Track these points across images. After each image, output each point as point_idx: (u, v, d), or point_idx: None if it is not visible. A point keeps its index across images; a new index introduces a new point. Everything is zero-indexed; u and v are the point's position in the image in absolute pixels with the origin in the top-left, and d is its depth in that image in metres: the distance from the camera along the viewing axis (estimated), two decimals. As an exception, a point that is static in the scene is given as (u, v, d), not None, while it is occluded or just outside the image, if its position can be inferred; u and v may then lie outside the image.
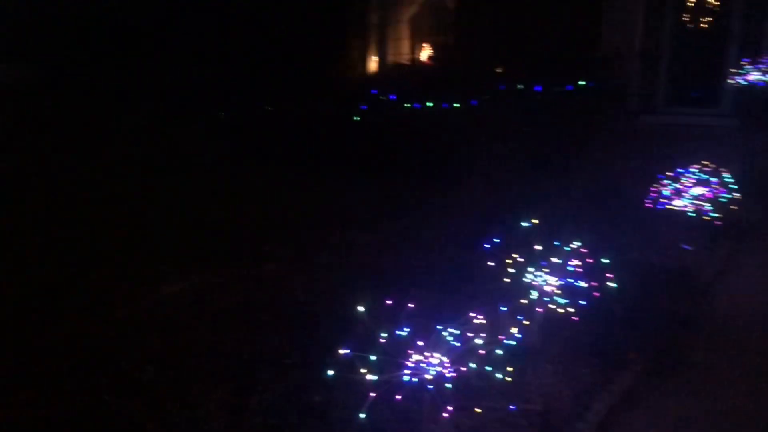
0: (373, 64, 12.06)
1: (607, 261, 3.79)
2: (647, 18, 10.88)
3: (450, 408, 3.03)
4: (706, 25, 10.84)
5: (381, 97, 9.92)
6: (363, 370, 3.14)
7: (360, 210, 7.31)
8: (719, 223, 6.25)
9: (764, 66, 9.63)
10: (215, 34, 11.48)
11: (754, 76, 9.71)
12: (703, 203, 6.26)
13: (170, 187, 7.44)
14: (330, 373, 3.44)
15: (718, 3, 10.70)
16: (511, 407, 3.42)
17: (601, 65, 10.67)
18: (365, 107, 10.07)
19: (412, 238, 6.32)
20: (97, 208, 6.46)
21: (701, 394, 4.05)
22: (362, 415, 2.96)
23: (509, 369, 3.11)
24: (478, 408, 3.23)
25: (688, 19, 10.93)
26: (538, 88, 9.23)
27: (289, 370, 3.68)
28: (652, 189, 6.46)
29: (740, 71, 9.89)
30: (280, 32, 11.35)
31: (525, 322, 3.51)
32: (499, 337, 3.29)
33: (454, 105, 9.25)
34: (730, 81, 10.14)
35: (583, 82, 10.01)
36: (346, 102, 10.29)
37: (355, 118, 10.01)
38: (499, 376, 3.03)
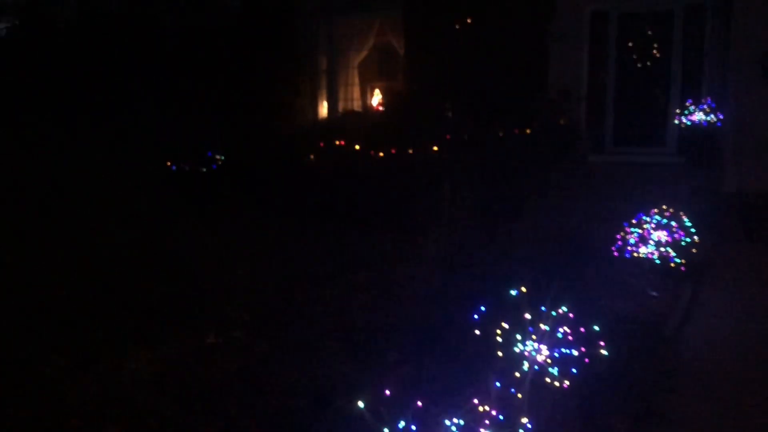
0: (323, 110, 11.98)
1: (597, 328, 3.72)
2: (592, 61, 11.17)
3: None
4: (648, 67, 11.18)
5: (335, 144, 9.82)
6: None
7: (320, 263, 7.14)
8: (683, 269, 6.33)
9: (706, 107, 9.99)
10: (161, 80, 11.25)
11: (698, 116, 10.07)
12: (666, 248, 6.33)
13: (114, 245, 7.06)
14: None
15: (658, 46, 11.07)
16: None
17: (550, 107, 10.86)
18: (317, 155, 9.96)
19: (380, 293, 6.17)
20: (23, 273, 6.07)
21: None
22: None
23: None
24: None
25: (630, 61, 11.26)
26: (491, 134, 9.31)
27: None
28: (617, 236, 6.52)
29: (684, 111, 10.24)
30: (228, 79, 11.20)
31: (518, 395, 3.39)
32: (493, 412, 3.17)
33: (409, 152, 9.22)
34: (675, 121, 10.48)
35: (534, 125, 10.15)
36: (297, 150, 10.15)
37: (306, 166, 9.88)
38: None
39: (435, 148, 9.18)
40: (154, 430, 3.76)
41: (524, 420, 3.12)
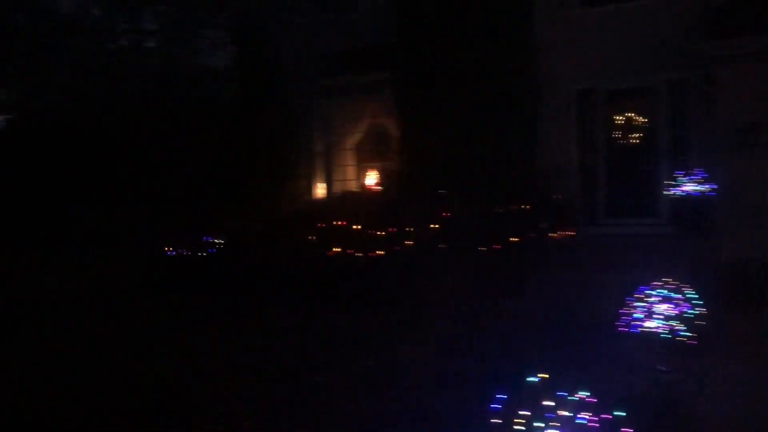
0: (319, 191, 12.13)
1: (623, 413, 3.68)
2: (581, 136, 11.45)
3: None
4: (637, 140, 11.47)
5: (336, 224, 9.89)
6: None
7: (327, 349, 7.09)
8: (693, 342, 6.31)
9: (697, 177, 10.20)
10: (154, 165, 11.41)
11: (689, 186, 10.25)
12: (673, 322, 6.33)
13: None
14: None
15: (645, 120, 11.39)
16: None
17: (543, 183, 11.04)
18: (321, 236, 10.01)
19: (387, 381, 6.10)
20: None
21: None
22: None
23: None
24: None
25: (619, 135, 11.55)
26: (486, 211, 9.43)
27: None
28: (621, 311, 6.52)
29: (675, 183, 10.44)
30: (226, 166, 11.38)
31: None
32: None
33: (409, 230, 9.30)
34: (666, 192, 10.66)
35: (528, 200, 10.29)
36: (299, 231, 10.21)
37: (310, 253, 9.91)
38: None
39: (433, 227, 9.26)
40: None
41: None
